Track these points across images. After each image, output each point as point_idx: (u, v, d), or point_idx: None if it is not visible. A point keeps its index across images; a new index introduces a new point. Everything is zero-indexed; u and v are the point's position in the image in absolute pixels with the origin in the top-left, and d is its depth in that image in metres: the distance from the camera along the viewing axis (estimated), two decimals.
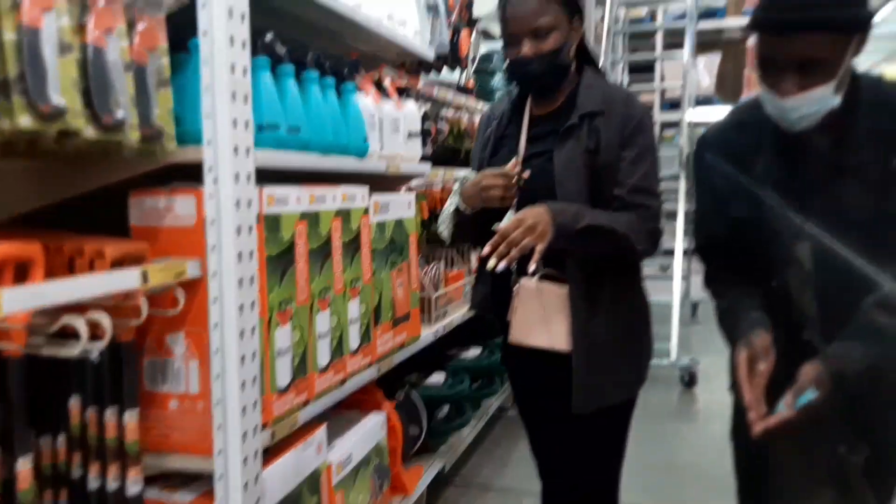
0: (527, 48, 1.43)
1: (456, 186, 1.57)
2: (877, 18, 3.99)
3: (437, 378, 2.51)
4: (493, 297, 1.60)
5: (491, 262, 1.30)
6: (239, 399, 1.18)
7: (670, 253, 4.53)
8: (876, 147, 1.10)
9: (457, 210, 1.56)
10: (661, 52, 7.21)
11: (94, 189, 1.26)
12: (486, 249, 1.31)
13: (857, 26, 1.08)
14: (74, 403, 1.15)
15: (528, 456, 1.72)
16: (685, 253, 4.54)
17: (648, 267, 6.36)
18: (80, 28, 1.01)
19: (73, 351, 0.97)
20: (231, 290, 1.16)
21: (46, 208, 1.31)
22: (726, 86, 8.32)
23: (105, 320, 0.99)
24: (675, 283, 4.27)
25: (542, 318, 1.46)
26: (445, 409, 2.48)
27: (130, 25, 1.09)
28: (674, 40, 7.72)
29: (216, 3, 1.10)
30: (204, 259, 1.18)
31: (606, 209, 1.41)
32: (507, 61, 1.51)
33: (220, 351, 1.17)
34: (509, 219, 1.37)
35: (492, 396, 2.86)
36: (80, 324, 0.95)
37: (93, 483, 1.16)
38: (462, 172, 1.63)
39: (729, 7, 8.27)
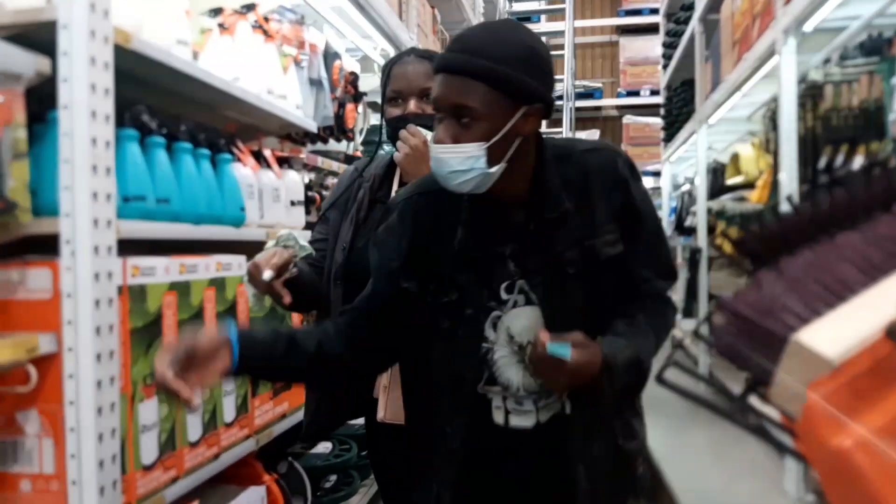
0: (413, 106, 1.39)
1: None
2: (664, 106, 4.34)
3: (324, 447, 2.47)
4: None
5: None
6: (97, 478, 1.13)
7: None
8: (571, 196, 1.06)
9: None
10: (544, 127, 7.65)
11: None
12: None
13: (519, 94, 0.99)
14: None
15: None
16: None
17: None
18: None
19: None
20: (88, 365, 1.13)
21: None
22: None
23: None
24: None
25: None
26: (333, 479, 2.43)
27: None
28: (554, 118, 8.25)
29: (77, 79, 1.12)
30: (59, 333, 1.15)
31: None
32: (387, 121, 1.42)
33: (77, 429, 1.13)
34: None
35: None
36: None
37: None
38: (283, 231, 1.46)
39: (605, 88, 8.97)
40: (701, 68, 4.69)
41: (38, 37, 1.15)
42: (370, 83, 3.22)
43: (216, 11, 1.83)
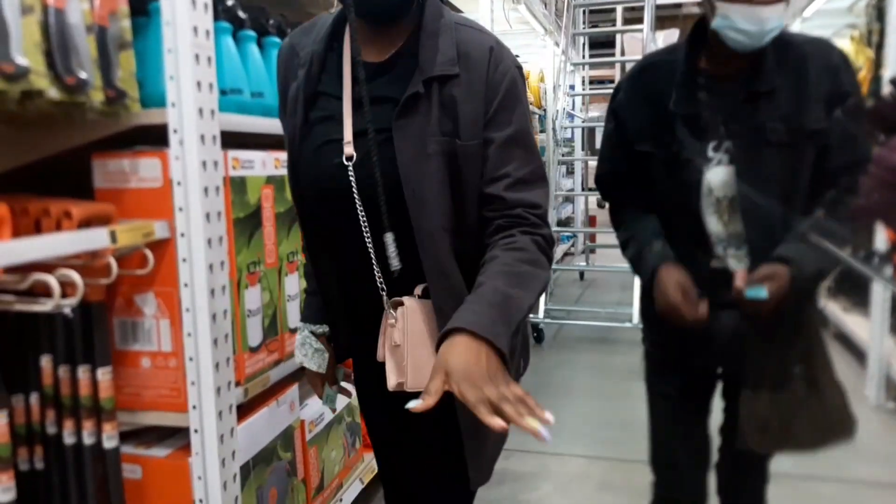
0: None
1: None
2: None
3: None
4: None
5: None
6: (212, 355, 1.21)
7: None
8: (785, 76, 1.20)
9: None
10: (621, 26, 7.28)
11: (57, 153, 1.28)
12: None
13: None
14: (46, 362, 1.17)
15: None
16: None
17: (607, 234, 6.44)
18: None
19: (45, 307, 0.99)
20: (200, 250, 1.18)
21: (8, 172, 1.31)
22: None
23: (76, 277, 1.01)
24: None
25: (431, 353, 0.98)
26: None
27: None
28: (633, 15, 7.81)
29: None
30: (171, 220, 1.20)
31: (470, 213, 1.00)
32: None
33: (192, 309, 1.21)
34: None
35: None
36: (51, 281, 0.97)
37: (68, 439, 1.19)
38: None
39: None
40: None
41: None
42: None
43: None
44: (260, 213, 1.45)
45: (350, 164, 0.97)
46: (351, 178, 0.98)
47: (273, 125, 1.50)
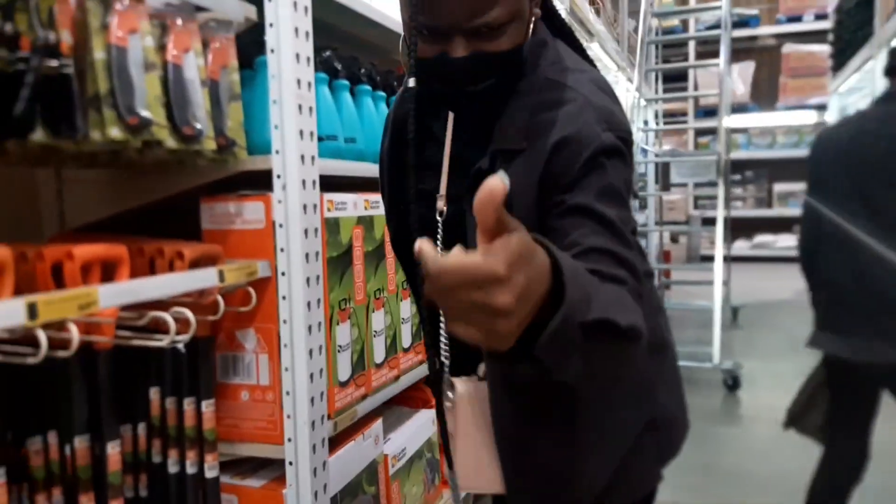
0: (460, 48, 0.84)
1: None
2: None
3: None
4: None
5: None
6: (308, 390, 1.26)
7: (709, 258, 4.52)
8: None
9: None
10: (694, 60, 7.20)
11: (168, 196, 1.37)
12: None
13: None
14: (154, 394, 1.24)
15: None
16: (724, 259, 4.53)
17: (683, 271, 6.22)
18: (161, 48, 1.11)
19: (162, 342, 1.06)
20: (299, 288, 1.24)
21: (123, 214, 1.41)
22: (762, 92, 8.28)
23: (189, 315, 1.08)
24: (716, 287, 4.27)
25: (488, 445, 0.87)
26: None
27: (205, 45, 1.19)
28: (706, 49, 7.73)
29: (283, 23, 1.20)
30: (272, 260, 1.27)
31: None
32: (418, 60, 0.84)
33: (290, 345, 1.26)
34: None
35: None
36: (169, 318, 1.04)
37: (172, 468, 1.25)
38: None
39: (762, 15, 8.26)
40: None
41: None
42: None
43: None
44: (351, 253, 1.50)
45: (440, 218, 0.91)
46: (439, 234, 0.90)
47: (364, 168, 1.56)
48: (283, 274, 1.25)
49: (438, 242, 0.90)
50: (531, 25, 0.89)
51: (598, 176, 0.80)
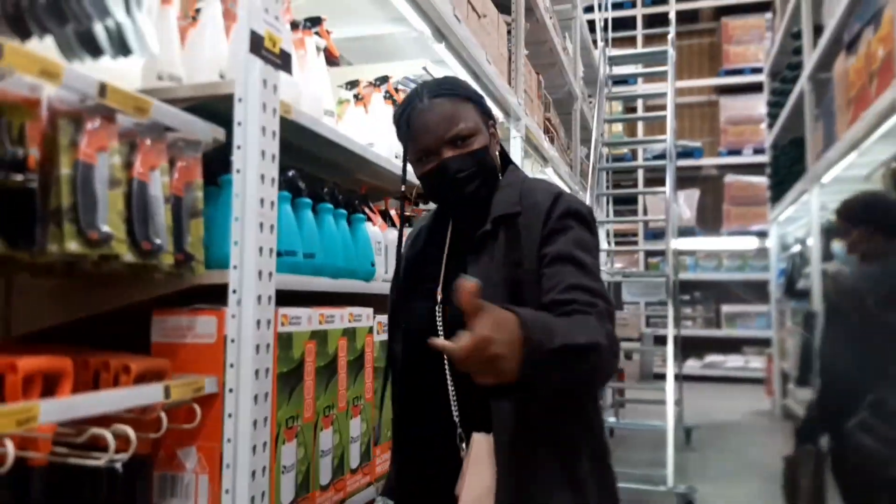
0: (449, 153, 1.18)
1: None
2: None
3: None
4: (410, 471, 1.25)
5: None
6: None
7: (662, 377, 4.57)
8: None
9: None
10: (643, 186, 7.59)
11: (119, 307, 1.35)
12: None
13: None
14: None
15: None
16: (676, 377, 4.58)
17: (636, 389, 6.28)
18: (128, 165, 1.14)
19: (99, 462, 1.02)
20: (247, 405, 1.22)
21: (64, 324, 1.39)
22: (707, 218, 8.72)
23: (130, 433, 1.04)
24: (668, 407, 4.29)
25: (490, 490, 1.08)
26: None
27: (171, 163, 1.22)
28: (654, 175, 8.17)
29: (251, 146, 1.25)
30: (221, 375, 1.25)
31: None
32: (423, 176, 1.22)
33: (233, 465, 1.22)
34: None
35: None
36: (109, 436, 1.01)
37: None
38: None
39: (705, 147, 8.84)
40: (811, 127, 4.58)
41: (211, 108, 1.30)
42: None
43: (352, 84, 1.98)
44: (302, 368, 1.49)
45: (438, 307, 1.18)
46: (438, 317, 1.17)
47: (322, 283, 1.58)
48: (230, 390, 1.23)
49: (439, 325, 1.17)
50: (493, 136, 1.26)
51: (574, 231, 1.12)
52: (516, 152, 3.38)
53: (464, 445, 1.11)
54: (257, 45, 1.25)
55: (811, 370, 4.54)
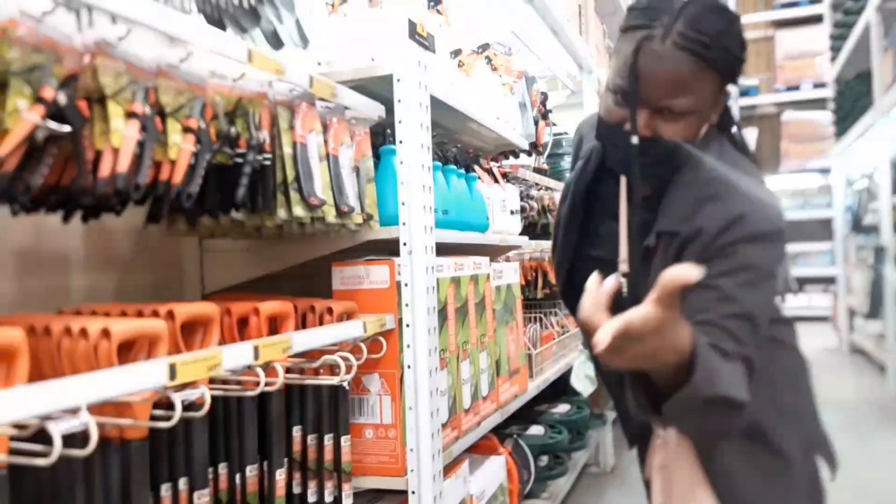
0: (643, 125, 1.03)
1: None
2: None
3: (536, 430, 2.75)
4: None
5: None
6: (429, 426, 1.47)
7: None
8: None
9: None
10: None
11: (294, 264, 1.61)
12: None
13: None
14: (296, 433, 1.45)
15: None
16: None
17: None
18: (325, 143, 1.37)
19: (333, 381, 1.28)
20: (423, 337, 1.47)
21: (251, 280, 1.65)
22: (764, 157, 8.65)
23: (352, 359, 1.30)
24: None
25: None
26: (545, 459, 2.71)
27: (352, 138, 1.45)
28: None
29: (409, 119, 1.47)
30: (396, 313, 1.50)
31: None
32: (604, 121, 1.09)
33: (413, 387, 1.47)
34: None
35: (581, 450, 3.07)
36: (340, 361, 1.27)
37: (311, 497, 1.44)
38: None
39: (761, 85, 8.71)
40: (880, 58, 4.57)
41: (365, 88, 1.51)
42: (553, 101, 3.51)
43: (456, 52, 2.17)
44: (446, 309, 1.73)
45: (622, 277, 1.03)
46: (624, 290, 1.03)
47: (458, 236, 1.82)
48: (407, 325, 1.48)
49: (624, 291, 1.04)
50: (704, 128, 1.07)
51: (734, 258, 0.97)
52: (589, 105, 3.53)
53: (662, 430, 1.06)
54: (412, 31, 1.46)
55: (882, 303, 4.63)
